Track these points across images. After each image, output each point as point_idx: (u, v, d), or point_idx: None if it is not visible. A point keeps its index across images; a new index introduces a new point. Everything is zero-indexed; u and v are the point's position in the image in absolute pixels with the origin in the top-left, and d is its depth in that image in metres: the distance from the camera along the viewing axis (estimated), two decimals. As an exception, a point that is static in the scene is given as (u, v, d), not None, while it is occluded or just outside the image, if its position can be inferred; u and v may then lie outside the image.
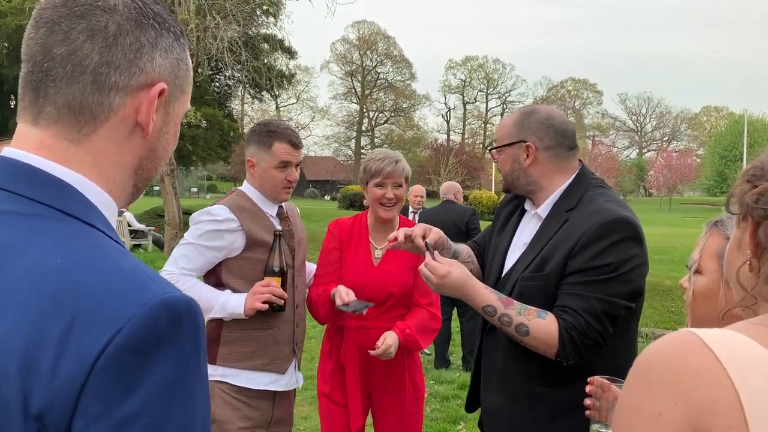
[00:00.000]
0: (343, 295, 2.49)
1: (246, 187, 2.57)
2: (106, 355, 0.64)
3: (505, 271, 2.09)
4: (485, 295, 1.91)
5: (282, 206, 2.60)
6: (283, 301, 2.37)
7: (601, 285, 1.82)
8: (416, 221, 7.00)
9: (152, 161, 0.87)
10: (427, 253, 2.00)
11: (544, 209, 2.04)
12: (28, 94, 0.80)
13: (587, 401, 1.58)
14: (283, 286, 2.40)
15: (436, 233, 2.13)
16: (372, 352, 2.49)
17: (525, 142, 2.02)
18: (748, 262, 0.85)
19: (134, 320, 0.66)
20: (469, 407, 2.30)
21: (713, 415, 0.70)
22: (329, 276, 2.69)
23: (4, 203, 0.75)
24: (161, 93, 0.82)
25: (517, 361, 1.96)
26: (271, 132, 2.49)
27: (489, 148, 2.14)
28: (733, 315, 1.20)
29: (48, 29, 0.78)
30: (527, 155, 2.02)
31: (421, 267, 1.96)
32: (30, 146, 0.79)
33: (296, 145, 2.51)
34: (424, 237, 2.09)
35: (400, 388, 2.70)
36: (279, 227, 2.51)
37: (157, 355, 0.67)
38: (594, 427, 1.56)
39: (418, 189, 7.23)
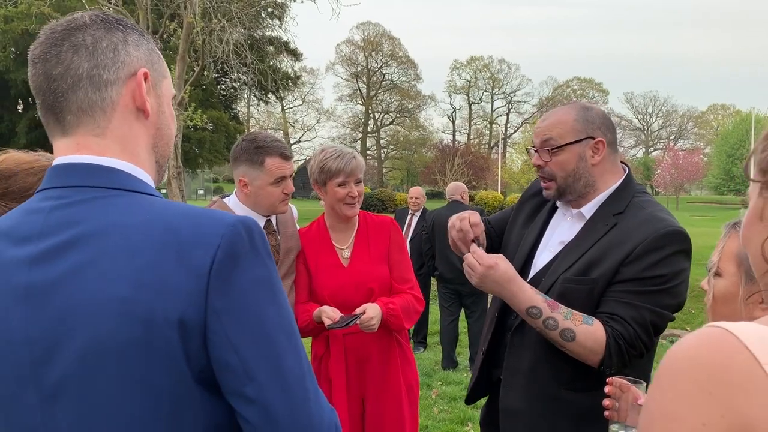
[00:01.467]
0: (330, 313, 2.43)
1: (231, 200, 2.49)
2: (216, 264, 0.89)
3: (534, 268, 2.02)
4: (531, 295, 1.83)
5: (270, 220, 2.51)
6: None
7: (652, 296, 1.78)
8: (413, 224, 7.03)
9: (161, 138, 1.07)
10: (473, 244, 1.95)
11: (589, 209, 1.95)
12: (50, 117, 0.99)
13: (606, 402, 1.56)
14: None
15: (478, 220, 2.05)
16: (356, 311, 2.42)
17: (593, 138, 1.92)
18: None
19: (225, 237, 0.90)
20: (471, 399, 2.23)
21: (761, 426, 0.65)
22: (302, 293, 2.60)
23: (78, 195, 0.95)
24: (146, 78, 1.01)
25: (545, 364, 1.90)
26: (259, 148, 2.38)
27: (553, 148, 1.93)
28: (754, 301, 1.19)
29: (43, 60, 0.97)
30: (595, 152, 1.92)
31: (467, 256, 1.90)
32: (71, 150, 0.98)
33: (288, 157, 2.43)
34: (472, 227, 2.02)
35: (396, 391, 2.62)
36: None
37: (246, 258, 0.91)
38: (613, 427, 1.54)
39: (417, 190, 7.30)
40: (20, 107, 29.62)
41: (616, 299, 1.80)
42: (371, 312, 2.42)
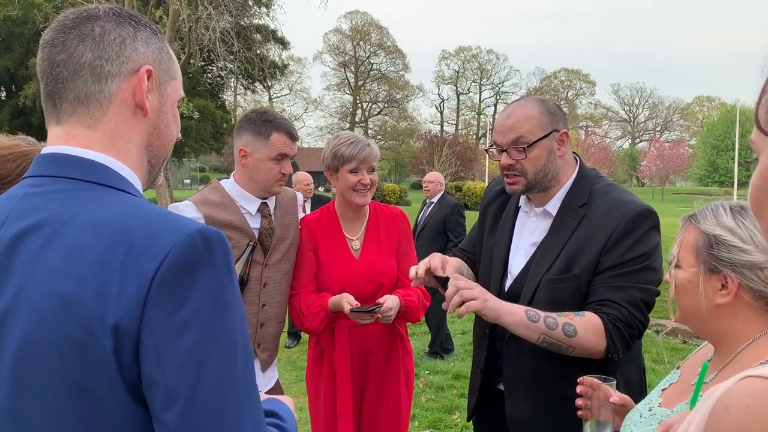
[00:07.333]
0: (352, 300, 2.41)
1: (227, 182, 2.46)
2: (160, 274, 0.83)
3: (511, 275, 2.00)
4: (519, 306, 1.82)
5: (266, 203, 2.47)
6: None
7: (637, 275, 1.80)
8: (308, 209, 6.34)
9: (159, 138, 1.05)
10: (450, 283, 1.81)
11: (553, 205, 1.95)
12: (48, 103, 0.99)
13: (579, 401, 1.57)
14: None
15: (454, 264, 1.98)
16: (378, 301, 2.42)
17: (558, 130, 1.94)
18: None
19: (177, 246, 0.84)
20: (472, 415, 2.19)
21: None
22: (311, 283, 2.55)
23: (52, 185, 0.93)
24: (150, 75, 1.00)
25: (547, 366, 1.89)
26: (268, 121, 2.37)
27: (527, 145, 1.89)
28: (714, 289, 1.22)
29: (50, 46, 0.97)
30: (560, 144, 1.94)
31: (460, 292, 1.77)
32: (60, 140, 0.97)
33: (294, 137, 2.42)
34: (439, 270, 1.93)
35: (395, 381, 2.63)
36: (256, 225, 2.42)
37: (198, 272, 0.85)
38: (587, 425, 1.56)
39: (304, 176, 6.97)
40: (3, 94, 29.23)
41: (603, 285, 1.82)
42: (391, 303, 2.43)
